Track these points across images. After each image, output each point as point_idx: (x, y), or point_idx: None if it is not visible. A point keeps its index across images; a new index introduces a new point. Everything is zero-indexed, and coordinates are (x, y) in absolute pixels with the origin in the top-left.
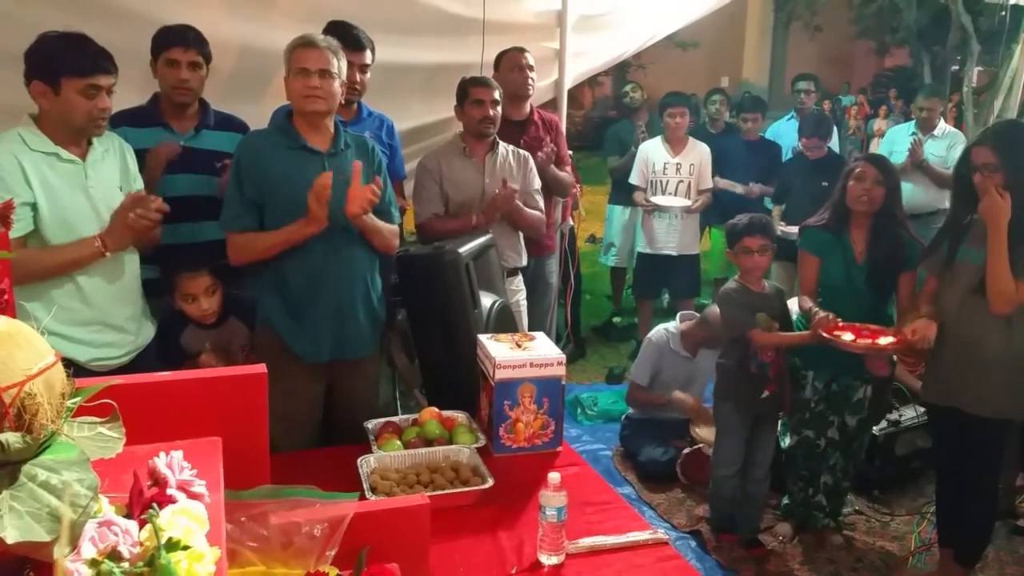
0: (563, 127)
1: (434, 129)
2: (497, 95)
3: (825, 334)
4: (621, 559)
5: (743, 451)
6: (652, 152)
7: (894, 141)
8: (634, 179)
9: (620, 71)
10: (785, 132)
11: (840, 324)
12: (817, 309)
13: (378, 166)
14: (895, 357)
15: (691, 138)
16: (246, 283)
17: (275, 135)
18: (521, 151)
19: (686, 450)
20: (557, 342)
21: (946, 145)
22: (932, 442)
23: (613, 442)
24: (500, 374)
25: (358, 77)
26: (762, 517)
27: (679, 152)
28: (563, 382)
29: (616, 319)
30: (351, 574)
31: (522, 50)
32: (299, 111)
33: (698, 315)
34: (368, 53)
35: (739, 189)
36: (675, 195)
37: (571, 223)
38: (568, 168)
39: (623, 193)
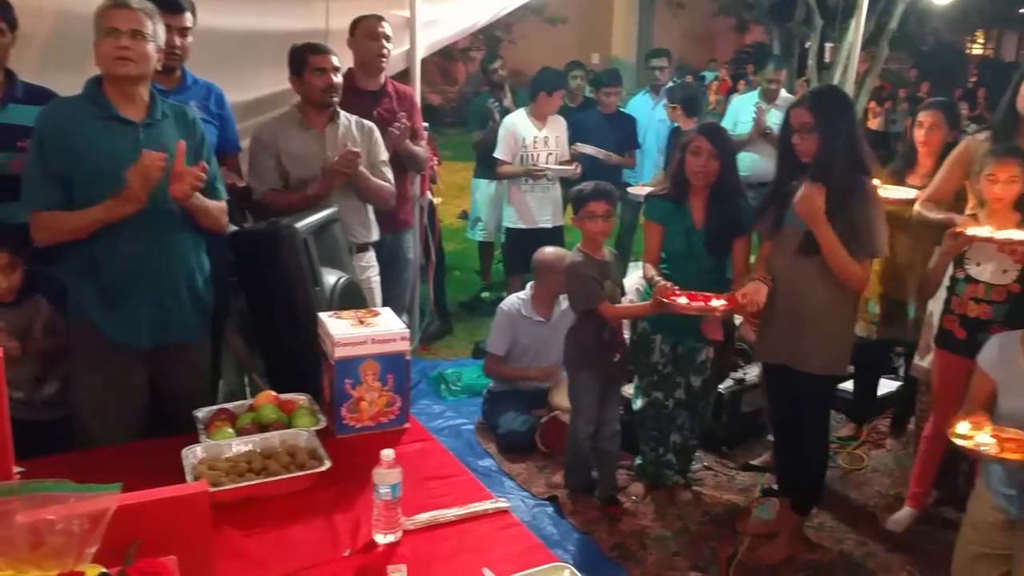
0: (417, 99)
1: (284, 99)
2: (336, 62)
3: (664, 300)
4: (459, 531)
5: (596, 411)
6: (520, 126)
7: (738, 111)
8: (500, 153)
9: (491, 46)
10: (640, 106)
11: (677, 291)
12: (659, 278)
13: (200, 139)
14: (739, 319)
15: None
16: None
17: (83, 104)
18: (365, 121)
19: (544, 418)
20: (421, 319)
21: None
22: (767, 398)
23: (476, 416)
24: (340, 352)
25: (178, 41)
26: (616, 476)
27: (544, 125)
28: (408, 357)
29: (485, 294)
30: (120, 571)
31: (379, 18)
32: (109, 76)
33: None
34: (188, 15)
35: (601, 154)
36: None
37: (430, 197)
38: (423, 142)
39: (487, 167)
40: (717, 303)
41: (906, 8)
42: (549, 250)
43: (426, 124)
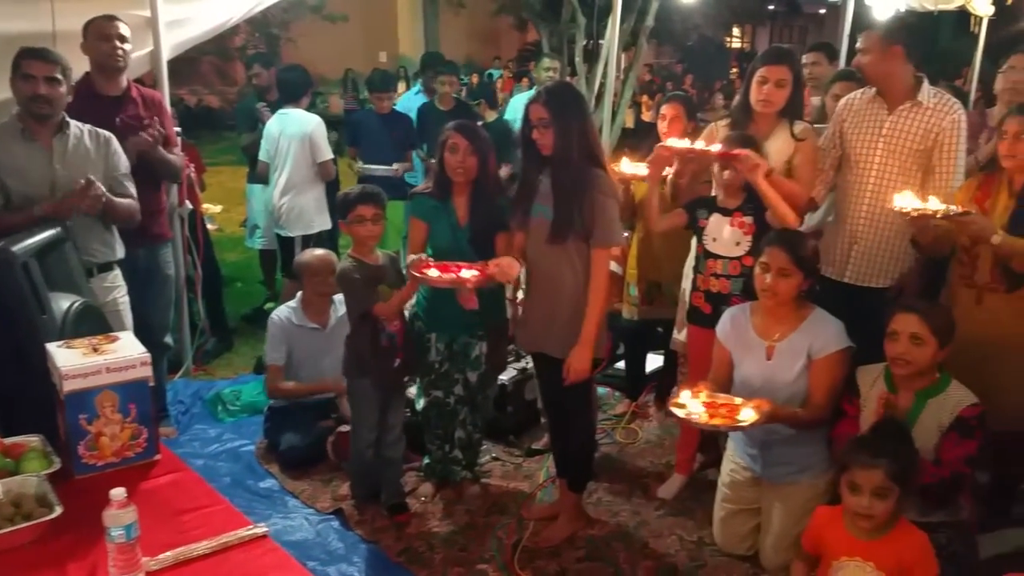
0: (167, 103)
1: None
2: (58, 72)
3: (416, 273)
4: (213, 564)
5: (378, 419)
6: (272, 127)
7: (517, 108)
8: (264, 156)
9: (272, 46)
10: (413, 105)
11: (430, 263)
12: (414, 256)
13: None
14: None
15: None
16: None
17: None
18: (101, 131)
19: (341, 428)
20: (193, 337)
21: None
22: (539, 385)
23: (258, 435)
24: (69, 385)
25: None
26: (403, 481)
27: None
28: (151, 384)
29: (269, 305)
30: None
31: (111, 18)
32: None
33: None
34: None
35: (389, 172)
36: (289, 168)
37: (189, 207)
38: (177, 149)
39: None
40: (468, 273)
41: (664, 6)
42: (311, 253)
43: (178, 129)
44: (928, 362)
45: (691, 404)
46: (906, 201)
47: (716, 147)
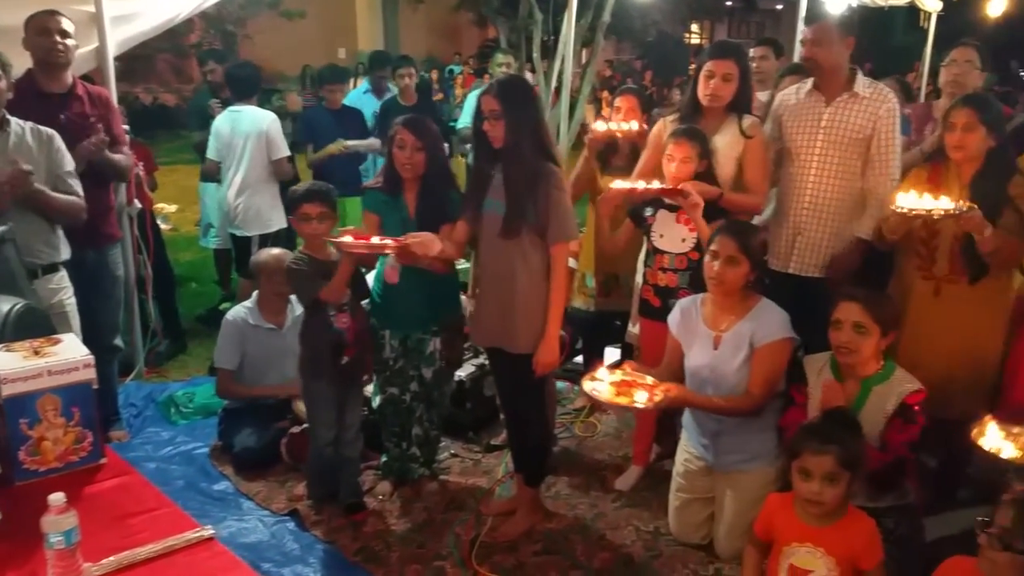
0: (114, 101)
1: None
2: None
3: (333, 241)
4: (157, 568)
5: (335, 417)
6: (222, 125)
7: (473, 104)
8: (212, 154)
9: (228, 43)
10: (366, 103)
11: (351, 231)
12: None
13: None
14: (468, 308)
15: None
16: None
17: None
18: (44, 129)
19: (294, 429)
20: (146, 339)
21: None
22: (495, 380)
23: (213, 437)
24: (9, 389)
25: None
26: (361, 480)
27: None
28: (95, 386)
29: (224, 305)
30: None
31: (52, 13)
32: None
33: None
34: None
35: (363, 147)
36: (245, 167)
37: (139, 206)
38: (126, 148)
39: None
40: (387, 241)
41: (622, 2)
42: (267, 252)
43: (127, 127)
44: (871, 350)
45: (601, 381)
46: (909, 201)
47: (655, 184)
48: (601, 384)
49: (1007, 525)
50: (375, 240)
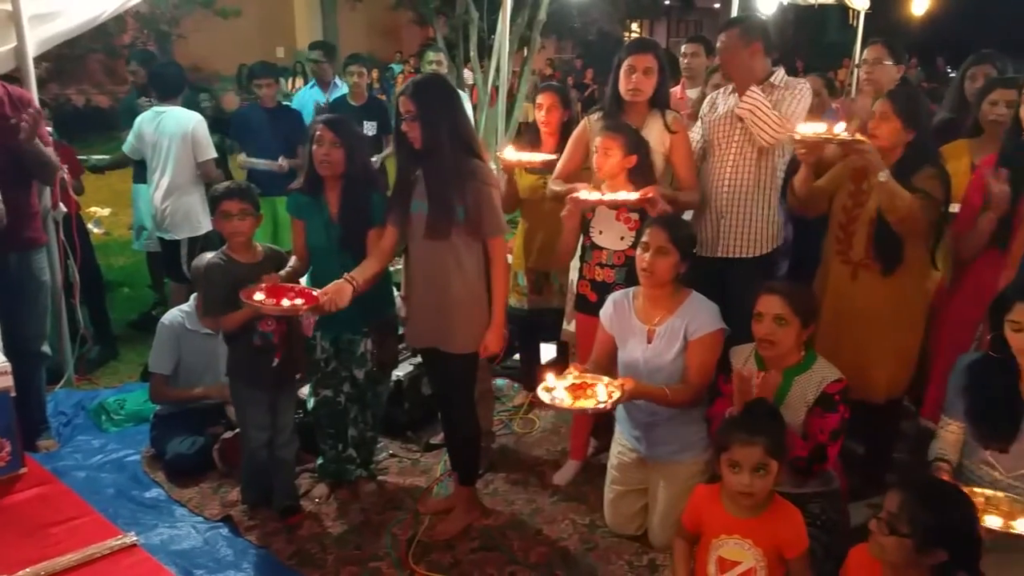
0: (36, 102)
1: None
2: None
3: (245, 300)
4: None
5: (268, 420)
6: (145, 126)
7: None
8: (129, 151)
9: (162, 43)
10: (308, 100)
11: (261, 287)
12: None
13: None
14: (402, 309)
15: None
16: None
17: None
18: None
19: (227, 435)
20: (75, 345)
21: None
22: (429, 381)
23: (145, 444)
24: None
25: None
26: (296, 483)
27: None
28: (12, 394)
29: (157, 310)
30: None
31: None
32: None
33: None
34: None
35: (262, 165)
36: (171, 169)
37: (63, 210)
38: (50, 150)
39: (145, 171)
40: (299, 302)
41: (560, 2)
42: (206, 257)
43: (50, 129)
44: (792, 342)
45: (557, 388)
46: (806, 128)
47: (623, 194)
48: (559, 392)
49: (893, 511)
50: (285, 303)
